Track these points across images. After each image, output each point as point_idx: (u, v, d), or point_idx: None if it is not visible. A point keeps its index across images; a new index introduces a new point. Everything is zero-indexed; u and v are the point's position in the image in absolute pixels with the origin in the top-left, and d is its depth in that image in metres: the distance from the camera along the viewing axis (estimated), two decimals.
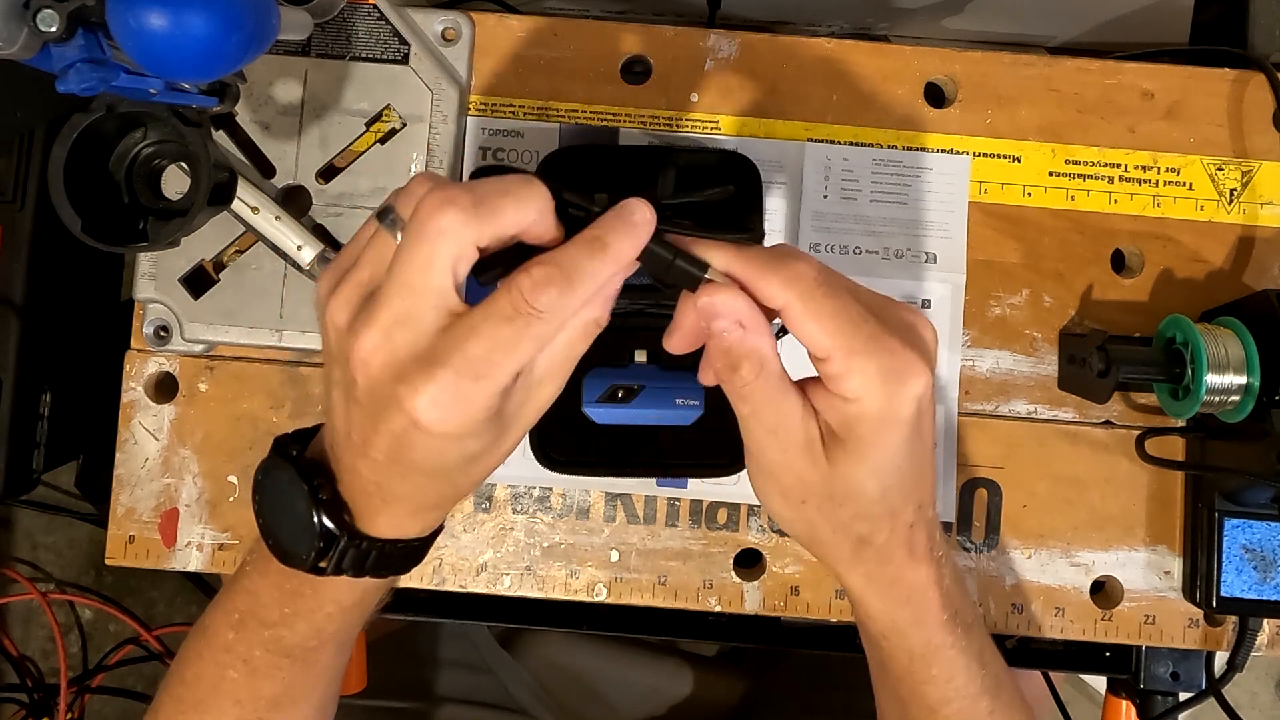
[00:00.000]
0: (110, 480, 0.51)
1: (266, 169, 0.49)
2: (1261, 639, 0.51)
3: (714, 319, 0.34)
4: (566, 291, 0.32)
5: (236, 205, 0.46)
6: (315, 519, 0.36)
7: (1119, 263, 0.52)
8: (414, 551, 0.39)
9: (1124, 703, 0.56)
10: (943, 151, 0.52)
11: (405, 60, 0.49)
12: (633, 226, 0.33)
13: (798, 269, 0.33)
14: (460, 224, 0.31)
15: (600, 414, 0.48)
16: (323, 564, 0.36)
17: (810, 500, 0.37)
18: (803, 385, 0.36)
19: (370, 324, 0.32)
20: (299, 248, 0.46)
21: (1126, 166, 0.52)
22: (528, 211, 0.32)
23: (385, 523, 0.36)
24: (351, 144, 0.49)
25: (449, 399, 0.31)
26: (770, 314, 0.35)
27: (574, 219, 0.34)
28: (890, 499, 0.36)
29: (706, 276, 0.34)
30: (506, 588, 0.51)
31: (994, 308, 0.52)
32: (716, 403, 0.47)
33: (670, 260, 0.34)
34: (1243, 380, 0.45)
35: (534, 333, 0.31)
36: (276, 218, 0.46)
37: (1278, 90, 0.52)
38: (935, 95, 0.53)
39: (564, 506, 0.51)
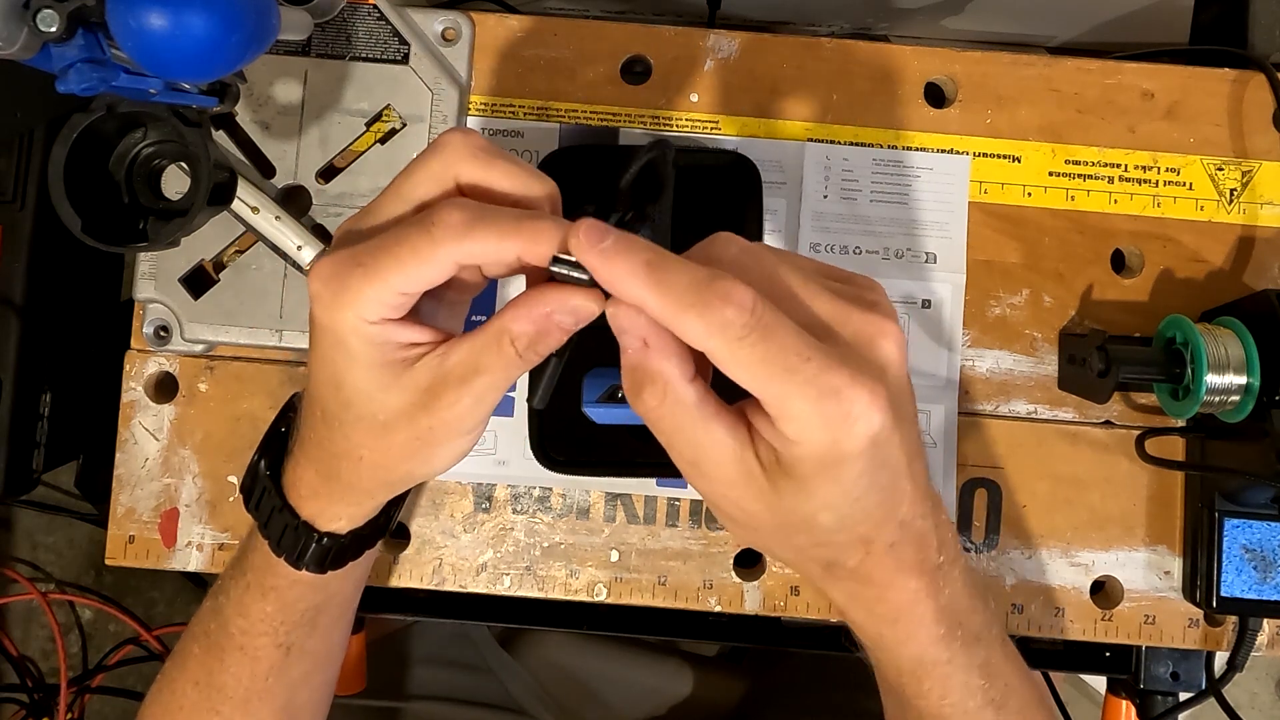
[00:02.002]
0: (110, 480, 0.51)
1: (266, 169, 0.49)
2: (1261, 639, 0.51)
3: (619, 331, 0.31)
4: (474, 221, 0.31)
5: (236, 205, 0.46)
6: (258, 445, 0.40)
7: (1119, 263, 0.52)
8: (320, 545, 0.39)
9: (1124, 703, 0.56)
10: (943, 151, 0.52)
11: (405, 60, 0.49)
12: (535, 228, 0.31)
13: (723, 315, 0.28)
14: (462, 151, 0.33)
15: (600, 414, 0.48)
16: (250, 502, 0.40)
17: (761, 529, 0.33)
18: (743, 408, 0.32)
19: (354, 216, 0.35)
20: (299, 248, 0.46)
21: (1126, 166, 0.52)
22: (522, 185, 0.33)
23: (296, 484, 0.39)
24: (351, 144, 0.49)
25: (329, 273, 0.32)
26: None
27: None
28: (855, 529, 0.32)
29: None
30: (506, 588, 0.51)
31: (994, 308, 0.52)
32: None
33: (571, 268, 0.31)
34: (1243, 380, 0.45)
35: (424, 246, 0.31)
36: (276, 218, 0.46)
37: (1278, 90, 0.52)
38: (935, 95, 0.53)
39: (564, 506, 0.51)
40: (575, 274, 0.31)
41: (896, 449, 0.31)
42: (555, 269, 0.31)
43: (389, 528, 0.43)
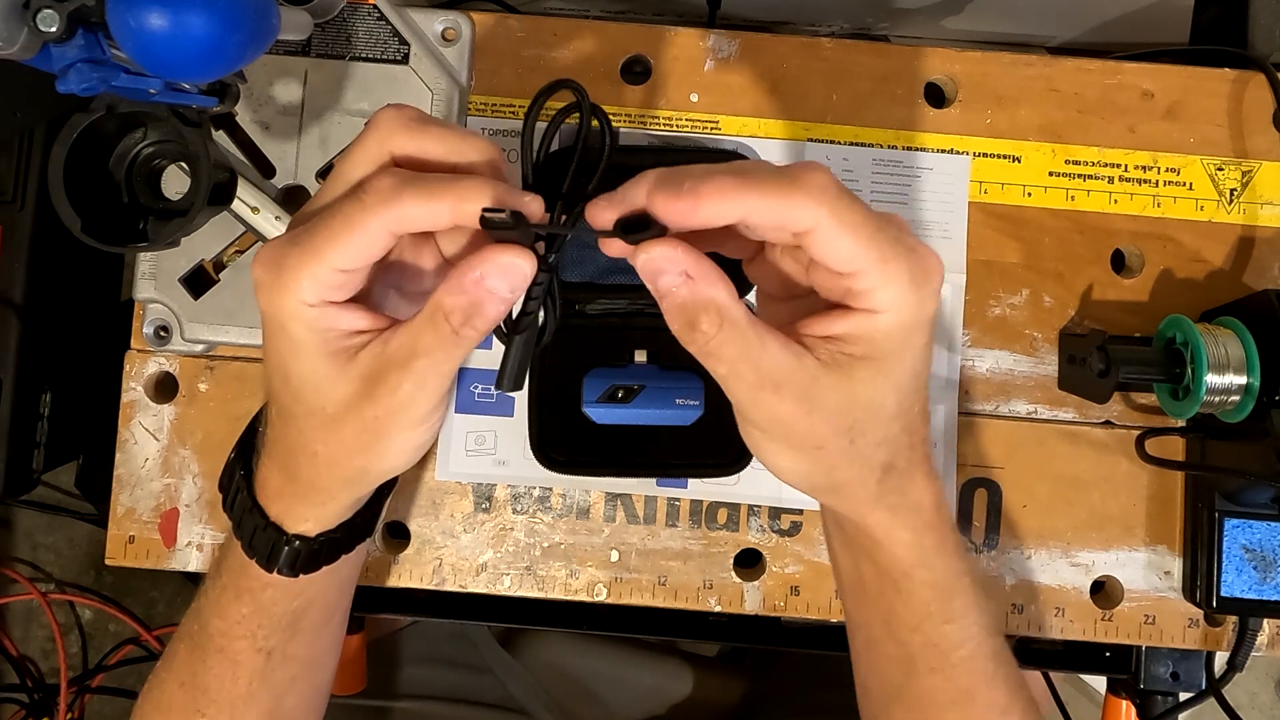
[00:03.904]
0: (110, 480, 0.51)
1: (266, 169, 0.49)
2: (1261, 639, 0.51)
3: (657, 276, 0.31)
4: (402, 185, 0.31)
5: (236, 205, 0.46)
6: (235, 444, 0.40)
7: (1119, 263, 0.52)
8: (291, 548, 0.38)
9: (1124, 703, 0.56)
10: (943, 151, 0.52)
11: (405, 60, 0.49)
12: (462, 186, 0.31)
13: (817, 181, 0.30)
14: (394, 125, 0.33)
15: (600, 414, 0.48)
16: (225, 502, 0.40)
17: (827, 444, 0.33)
18: (788, 326, 0.33)
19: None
20: None
21: (1126, 166, 0.52)
22: (457, 147, 0.33)
23: (264, 483, 0.38)
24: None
25: (269, 258, 0.32)
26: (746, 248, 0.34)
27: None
28: (910, 413, 0.34)
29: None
30: (506, 588, 0.51)
31: (994, 308, 0.52)
32: (716, 402, 0.47)
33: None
34: (1243, 380, 0.45)
35: (355, 215, 0.31)
36: (276, 218, 0.46)
37: (1278, 90, 0.52)
38: (935, 95, 0.53)
39: (564, 506, 0.51)
40: (505, 227, 0.31)
41: (932, 327, 0.34)
42: (486, 220, 0.31)
43: (368, 533, 0.42)
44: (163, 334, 0.50)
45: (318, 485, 0.37)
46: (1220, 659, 0.51)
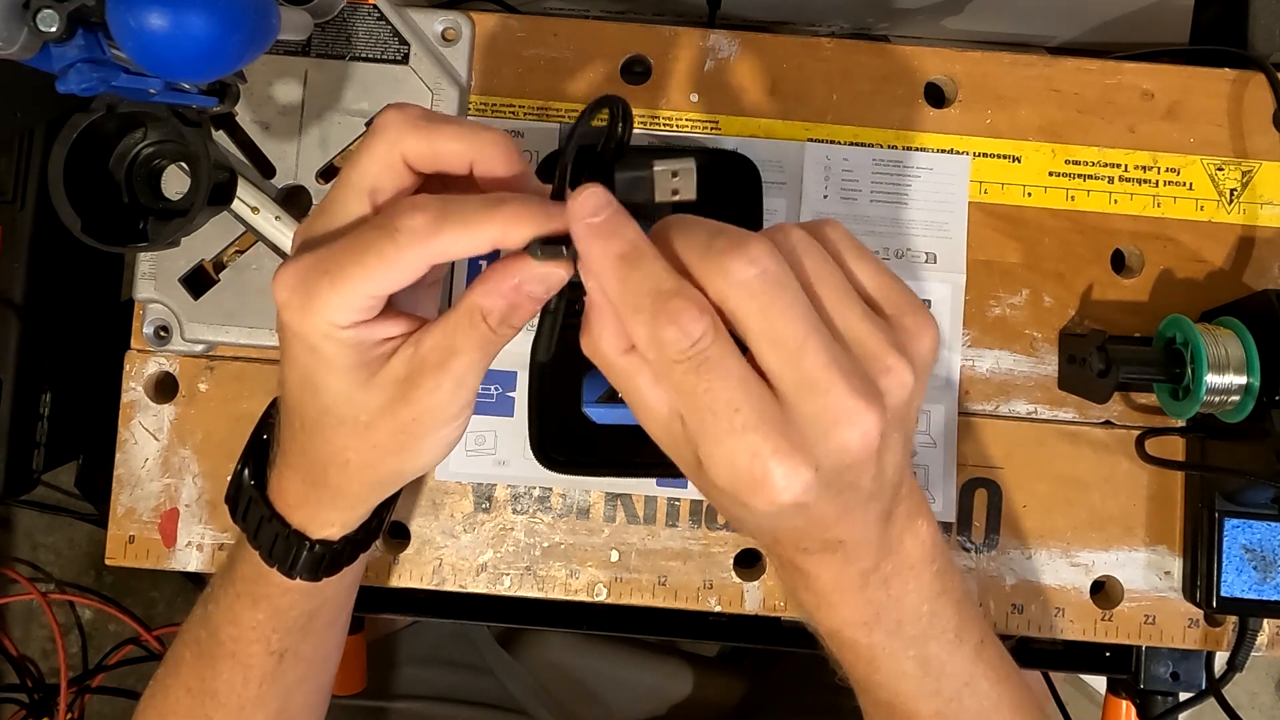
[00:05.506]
0: (110, 480, 0.51)
1: (266, 169, 0.49)
2: (1261, 639, 0.51)
3: (584, 276, 0.32)
4: (438, 222, 0.30)
5: (236, 205, 0.46)
6: (241, 454, 0.39)
7: (1119, 263, 0.52)
8: (313, 553, 0.38)
9: (1124, 703, 0.56)
10: (943, 151, 0.52)
11: (405, 60, 0.49)
12: (506, 214, 0.30)
13: (663, 334, 0.28)
14: (401, 126, 0.32)
15: (600, 414, 0.48)
16: (236, 513, 0.39)
17: (709, 495, 0.33)
18: None
19: (309, 214, 0.34)
20: None
21: (1126, 166, 0.52)
22: (474, 144, 0.32)
23: (283, 492, 0.38)
24: (351, 144, 0.49)
25: (296, 281, 0.31)
26: None
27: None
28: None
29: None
30: (506, 588, 0.51)
31: (994, 308, 0.52)
32: None
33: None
34: (1243, 380, 0.45)
35: (389, 251, 0.30)
36: (276, 218, 0.46)
37: (1278, 90, 0.52)
38: (935, 95, 0.53)
39: (564, 506, 0.51)
40: (555, 257, 0.31)
41: (822, 508, 0.30)
42: (539, 254, 0.31)
43: (381, 530, 0.42)
44: (163, 334, 0.50)
45: (347, 491, 0.37)
46: (1220, 659, 0.51)
